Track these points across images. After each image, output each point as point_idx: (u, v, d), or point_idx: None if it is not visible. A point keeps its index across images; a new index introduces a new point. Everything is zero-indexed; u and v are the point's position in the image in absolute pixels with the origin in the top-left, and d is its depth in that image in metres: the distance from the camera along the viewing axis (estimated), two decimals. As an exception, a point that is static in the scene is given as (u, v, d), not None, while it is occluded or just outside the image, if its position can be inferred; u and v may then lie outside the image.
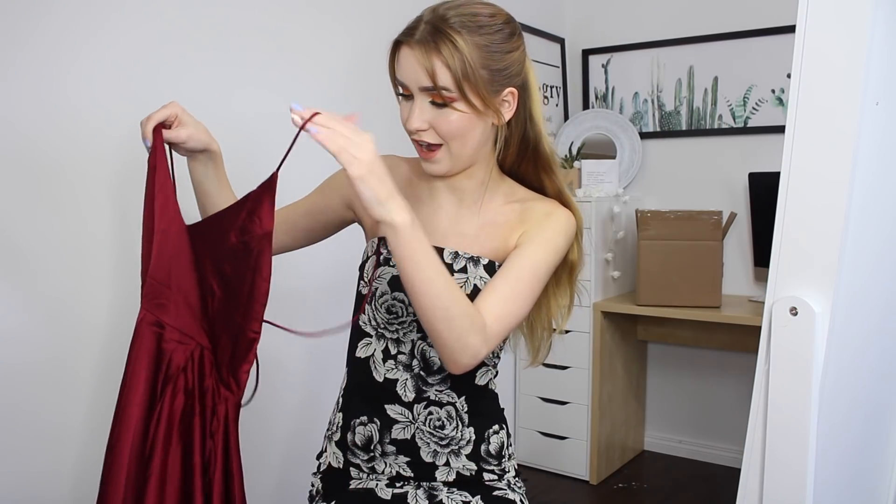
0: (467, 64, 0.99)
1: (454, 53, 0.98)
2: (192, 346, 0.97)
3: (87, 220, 1.54)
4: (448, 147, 1.05)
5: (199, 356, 0.97)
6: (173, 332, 0.96)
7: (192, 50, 1.72)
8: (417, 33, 1.01)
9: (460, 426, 1.13)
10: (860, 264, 0.95)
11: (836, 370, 0.91)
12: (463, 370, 1.01)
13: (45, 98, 1.45)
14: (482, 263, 1.10)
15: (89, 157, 1.53)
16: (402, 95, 1.06)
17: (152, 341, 0.95)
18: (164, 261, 0.96)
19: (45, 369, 1.47)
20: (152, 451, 0.94)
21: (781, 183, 0.90)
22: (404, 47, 1.02)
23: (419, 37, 1.00)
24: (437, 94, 1.01)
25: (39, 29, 1.43)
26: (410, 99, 1.04)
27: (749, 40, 2.85)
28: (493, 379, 1.18)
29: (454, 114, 1.02)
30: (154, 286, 0.96)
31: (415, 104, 1.03)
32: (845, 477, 1.06)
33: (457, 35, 0.99)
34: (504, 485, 1.15)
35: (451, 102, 1.01)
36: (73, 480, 1.51)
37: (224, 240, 0.95)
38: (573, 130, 3.18)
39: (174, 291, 0.97)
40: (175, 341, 0.96)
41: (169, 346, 0.96)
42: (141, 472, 0.93)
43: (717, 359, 3.03)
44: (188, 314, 0.98)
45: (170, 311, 0.97)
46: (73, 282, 1.52)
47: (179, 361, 0.96)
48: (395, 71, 1.05)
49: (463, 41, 0.99)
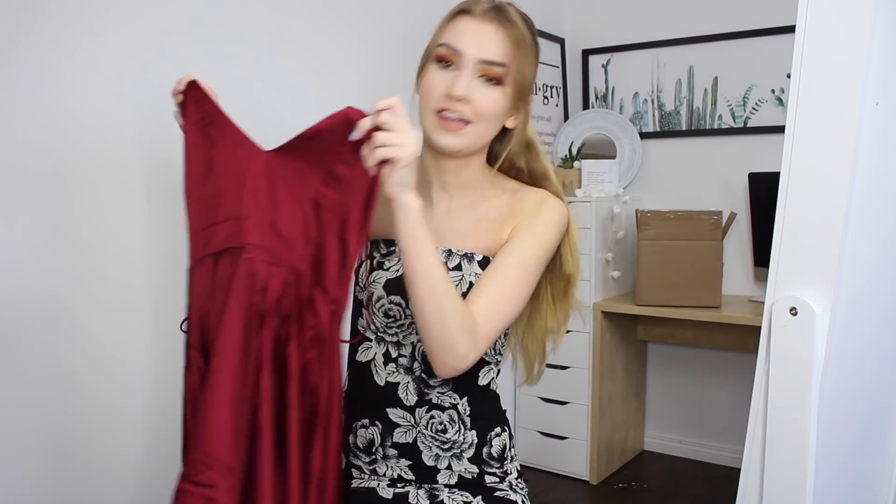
0: (528, 51, 1.06)
1: (522, 37, 1.05)
2: (284, 270, 0.97)
3: (89, 218, 1.54)
4: (475, 127, 1.06)
5: (295, 280, 0.97)
6: (262, 252, 0.98)
7: (196, 48, 1.72)
8: (491, 11, 1.05)
9: (462, 430, 1.12)
10: (860, 264, 0.95)
11: (836, 370, 0.91)
12: (449, 373, 1.00)
13: (41, 97, 1.45)
14: (476, 260, 1.10)
15: (88, 156, 1.53)
16: (442, 62, 1.05)
17: (245, 268, 0.97)
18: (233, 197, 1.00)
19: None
20: (255, 379, 0.94)
21: (781, 183, 0.90)
22: (472, 18, 1.05)
23: (493, 14, 1.05)
24: (495, 69, 1.04)
25: (36, 26, 1.43)
26: (449, 69, 1.05)
27: (749, 40, 2.85)
28: (494, 378, 1.17)
29: (497, 92, 1.05)
30: (236, 223, 0.99)
31: (463, 74, 1.03)
32: (845, 477, 1.06)
33: (521, 23, 1.07)
34: (506, 486, 1.15)
35: (500, 83, 1.05)
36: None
37: (340, 145, 0.95)
38: (573, 130, 3.18)
39: (254, 218, 0.99)
40: (266, 262, 0.97)
41: (261, 268, 0.97)
42: (243, 407, 0.94)
43: (717, 359, 3.03)
44: (275, 238, 0.99)
45: (254, 234, 0.98)
46: (74, 282, 1.52)
47: (276, 286, 0.96)
48: (445, 37, 1.05)
49: (526, 31, 1.07)
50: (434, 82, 1.05)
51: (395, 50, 2.22)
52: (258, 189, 1.00)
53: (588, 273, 2.79)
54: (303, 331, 0.95)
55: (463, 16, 1.05)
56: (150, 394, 1.68)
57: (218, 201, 1.02)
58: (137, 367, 1.66)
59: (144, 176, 1.65)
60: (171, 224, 1.70)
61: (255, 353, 0.95)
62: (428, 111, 1.06)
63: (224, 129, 1.04)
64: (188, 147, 1.04)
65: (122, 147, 1.60)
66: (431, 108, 1.05)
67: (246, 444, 0.94)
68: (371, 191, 0.93)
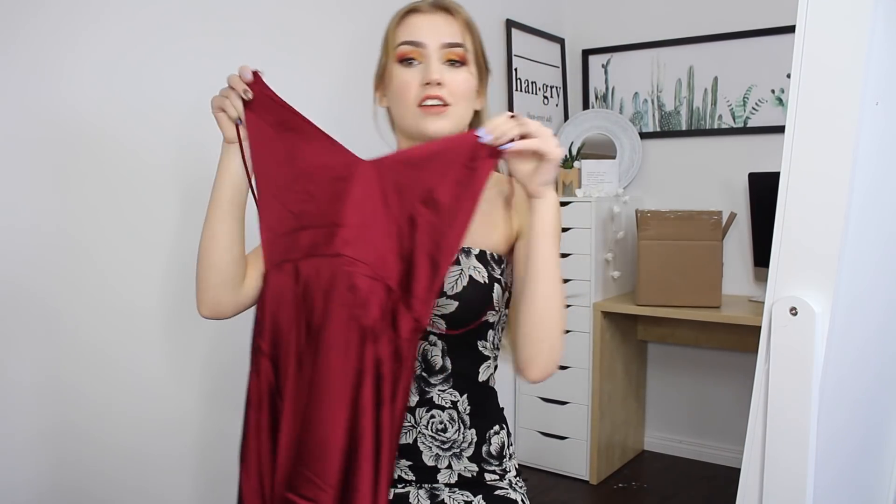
0: (477, 30, 1.12)
1: (469, 20, 1.11)
2: (381, 284, 0.96)
3: (95, 214, 1.54)
4: (455, 108, 1.09)
5: (387, 295, 0.96)
6: (364, 266, 0.96)
7: (187, 40, 1.72)
8: (434, 5, 1.11)
9: (462, 428, 1.12)
10: (861, 264, 0.95)
11: (836, 371, 0.91)
12: (549, 372, 1.03)
13: (39, 94, 1.45)
14: (474, 254, 1.10)
15: (86, 153, 1.53)
16: (405, 62, 1.09)
17: (345, 281, 0.95)
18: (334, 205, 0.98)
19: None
20: (356, 395, 0.93)
21: (781, 183, 0.90)
22: (421, 14, 1.10)
23: (438, 6, 1.10)
24: (458, 50, 1.08)
25: (34, 22, 1.43)
26: (413, 65, 1.08)
27: (749, 40, 2.85)
28: (493, 374, 1.18)
29: (465, 73, 1.09)
30: (349, 230, 0.97)
31: (432, 64, 1.07)
32: (845, 477, 1.06)
33: (463, 9, 1.12)
34: (506, 484, 1.15)
35: (465, 64, 1.09)
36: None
37: (449, 167, 0.96)
38: (573, 130, 3.18)
39: (358, 229, 0.98)
40: (367, 276, 0.96)
41: (362, 282, 0.96)
42: (349, 424, 0.93)
43: (717, 359, 3.03)
44: (373, 251, 0.97)
45: (354, 246, 0.97)
46: (66, 283, 1.52)
47: (378, 301, 0.95)
48: (402, 37, 1.09)
49: (468, 15, 1.12)
50: (406, 80, 1.08)
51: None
52: (362, 199, 0.98)
53: (588, 273, 2.79)
54: (386, 346, 0.95)
55: (411, 14, 1.10)
56: (151, 395, 1.68)
57: (304, 206, 0.99)
58: (138, 368, 1.66)
59: (143, 174, 1.65)
60: (171, 220, 1.70)
61: (357, 368, 0.94)
62: (408, 107, 1.08)
63: (305, 130, 1.00)
64: (261, 147, 1.00)
65: (123, 144, 1.59)
66: (412, 103, 1.07)
67: (348, 460, 0.94)
68: (468, 212, 0.95)
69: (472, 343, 1.11)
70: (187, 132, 1.68)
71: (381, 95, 1.15)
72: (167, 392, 1.72)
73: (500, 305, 1.11)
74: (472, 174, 0.96)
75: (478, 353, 1.12)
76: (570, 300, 2.84)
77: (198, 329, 1.74)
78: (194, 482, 1.78)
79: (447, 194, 0.96)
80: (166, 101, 1.66)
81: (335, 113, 1.91)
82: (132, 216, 1.62)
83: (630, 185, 3.13)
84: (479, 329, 1.10)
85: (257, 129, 1.00)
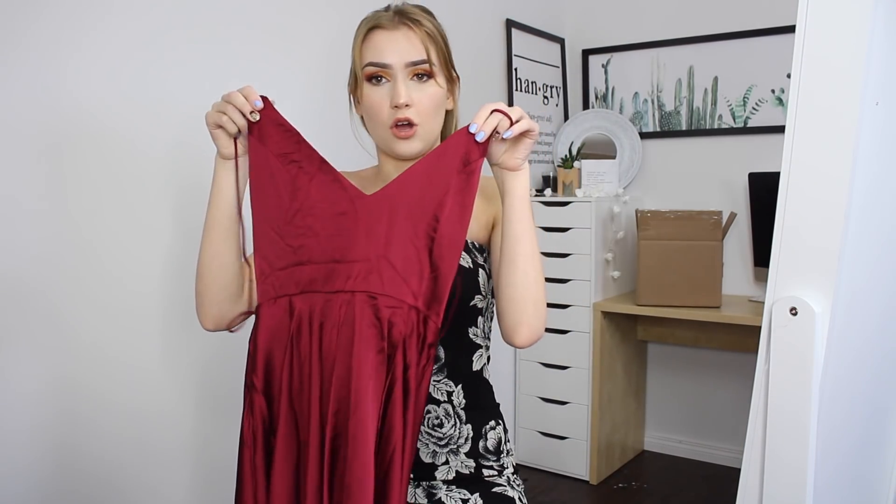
0: (440, 38, 1.13)
1: (431, 30, 1.11)
2: (405, 308, 0.96)
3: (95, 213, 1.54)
4: (423, 126, 1.11)
5: (416, 319, 0.96)
6: (386, 299, 0.96)
7: (196, 45, 1.72)
8: (396, 18, 1.10)
9: (458, 423, 1.13)
10: (861, 265, 0.95)
11: (836, 370, 0.91)
12: (536, 337, 1.04)
13: (44, 92, 1.45)
14: None
15: (89, 154, 1.54)
16: (374, 80, 1.10)
17: (367, 319, 0.95)
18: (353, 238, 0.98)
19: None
20: (386, 416, 0.93)
21: (781, 183, 0.90)
22: (381, 31, 1.10)
23: (399, 20, 1.10)
24: (423, 66, 1.09)
25: (38, 24, 1.43)
26: (380, 84, 1.10)
27: (749, 40, 2.85)
28: (486, 365, 1.18)
29: (433, 87, 1.11)
30: (369, 262, 0.97)
31: (398, 82, 1.09)
32: (845, 477, 1.06)
33: (425, 18, 1.12)
34: (503, 481, 1.15)
35: (431, 76, 1.11)
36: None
37: (450, 177, 0.98)
38: (573, 130, 3.18)
39: (375, 259, 0.97)
40: (388, 307, 0.96)
41: (385, 313, 0.95)
42: (381, 442, 0.93)
43: (717, 359, 3.03)
44: (393, 279, 0.97)
45: (375, 279, 0.97)
46: (63, 284, 1.52)
47: (402, 328, 0.95)
48: (367, 57, 1.10)
49: (431, 23, 1.12)
50: (376, 101, 1.10)
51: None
52: (369, 232, 0.97)
53: (588, 273, 2.79)
54: (414, 352, 0.96)
55: (375, 32, 1.11)
56: (147, 388, 1.68)
57: (304, 241, 0.98)
58: (136, 361, 1.66)
59: (143, 175, 1.65)
60: (171, 222, 1.70)
61: (387, 386, 0.94)
62: (381, 128, 1.11)
63: (310, 162, 0.99)
64: (263, 177, 0.98)
65: (125, 145, 1.60)
66: (384, 124, 1.11)
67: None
68: (469, 212, 0.98)
69: (462, 331, 1.12)
70: (189, 132, 1.68)
71: (357, 103, 1.17)
72: (163, 386, 1.72)
73: (486, 291, 1.13)
74: (469, 177, 0.98)
75: (469, 340, 1.13)
76: (569, 300, 2.84)
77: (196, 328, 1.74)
78: (192, 474, 1.78)
79: (453, 203, 0.97)
80: (170, 101, 1.67)
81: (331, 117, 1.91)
82: (134, 211, 1.62)
83: (630, 185, 3.13)
84: (468, 316, 1.12)
85: (260, 158, 0.99)
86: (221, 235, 1.04)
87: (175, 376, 1.73)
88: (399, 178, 1.00)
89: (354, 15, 1.19)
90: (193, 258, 1.06)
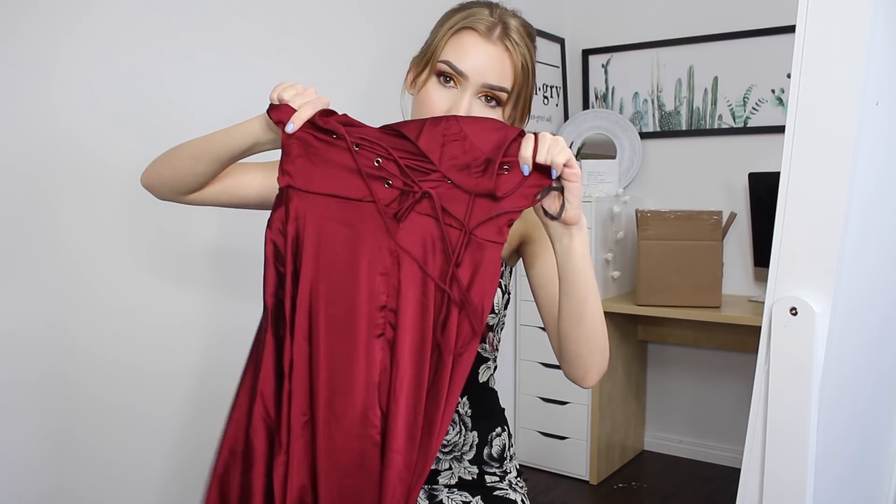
0: (531, 72, 1.05)
1: (526, 61, 1.03)
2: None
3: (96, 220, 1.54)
4: None
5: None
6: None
7: (201, 43, 1.72)
8: (498, 30, 1.02)
9: (464, 431, 1.13)
10: (861, 265, 0.95)
11: (836, 371, 0.91)
12: (597, 379, 1.01)
13: (23, 102, 1.45)
14: None
15: (71, 161, 1.53)
16: (443, 77, 1.02)
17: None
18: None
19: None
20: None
21: (781, 183, 0.90)
22: (478, 37, 1.01)
23: (499, 35, 1.01)
24: (500, 93, 1.02)
25: (20, 29, 1.43)
26: (447, 85, 1.02)
27: (749, 40, 2.84)
28: (493, 375, 1.18)
29: (497, 115, 1.04)
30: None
31: (465, 98, 1.00)
32: (845, 477, 1.06)
33: (524, 44, 1.03)
34: (505, 485, 1.15)
35: (500, 105, 1.04)
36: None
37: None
38: (573, 130, 3.18)
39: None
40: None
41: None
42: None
43: (717, 359, 3.03)
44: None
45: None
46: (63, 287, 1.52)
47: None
48: (448, 55, 1.01)
49: (529, 52, 1.04)
50: (435, 100, 1.02)
51: (403, 44, 2.22)
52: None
53: (588, 273, 2.79)
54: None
55: (468, 32, 1.01)
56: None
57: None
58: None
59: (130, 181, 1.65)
60: (156, 231, 1.70)
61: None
62: None
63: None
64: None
65: (107, 151, 1.59)
66: None
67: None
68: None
69: None
70: (185, 133, 1.68)
71: (413, 82, 1.08)
72: (163, 386, 1.72)
73: (499, 308, 1.11)
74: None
75: (477, 354, 1.12)
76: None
77: (197, 327, 1.74)
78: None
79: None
80: (157, 104, 1.66)
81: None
82: (123, 214, 1.62)
83: (630, 185, 3.13)
84: None
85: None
86: (213, 160, 1.01)
87: (175, 376, 1.73)
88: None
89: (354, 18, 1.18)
90: (192, 259, 1.06)
